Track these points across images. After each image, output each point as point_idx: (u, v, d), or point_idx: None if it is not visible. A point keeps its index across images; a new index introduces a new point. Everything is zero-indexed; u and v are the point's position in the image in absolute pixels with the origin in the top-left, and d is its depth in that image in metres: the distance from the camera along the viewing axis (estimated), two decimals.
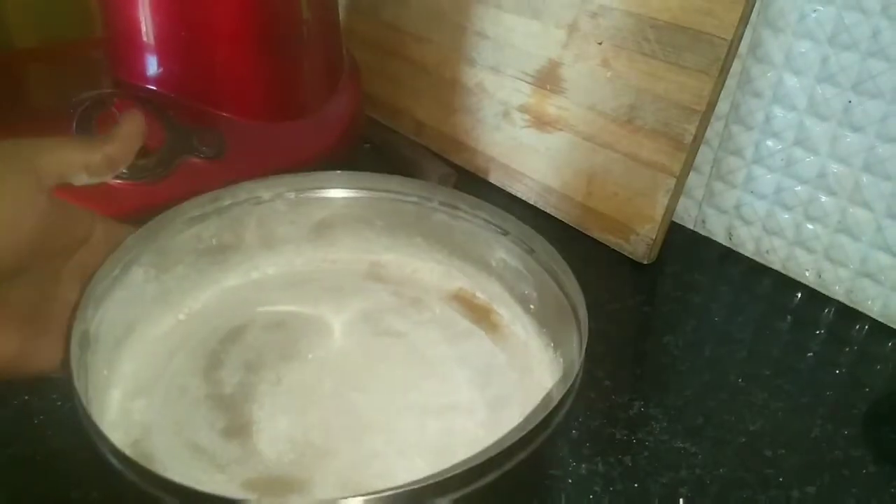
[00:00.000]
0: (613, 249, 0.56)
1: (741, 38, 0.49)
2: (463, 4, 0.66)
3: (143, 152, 0.51)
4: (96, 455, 0.27)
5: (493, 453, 0.26)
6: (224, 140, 0.56)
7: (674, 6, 0.51)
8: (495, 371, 0.39)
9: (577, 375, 0.30)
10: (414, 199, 0.43)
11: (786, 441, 0.40)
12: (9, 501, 0.37)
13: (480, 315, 0.42)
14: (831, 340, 0.48)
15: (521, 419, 0.35)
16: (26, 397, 0.41)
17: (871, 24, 0.45)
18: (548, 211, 0.61)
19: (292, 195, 0.43)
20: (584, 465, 0.38)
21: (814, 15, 0.48)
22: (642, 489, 0.37)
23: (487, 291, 0.43)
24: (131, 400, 0.36)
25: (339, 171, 0.44)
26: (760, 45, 0.51)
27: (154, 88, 0.55)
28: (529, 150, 0.62)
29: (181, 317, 0.41)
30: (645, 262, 0.54)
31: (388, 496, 0.25)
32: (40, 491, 0.37)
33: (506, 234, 0.40)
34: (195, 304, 0.42)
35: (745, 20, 0.48)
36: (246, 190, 0.42)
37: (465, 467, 0.26)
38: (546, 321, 0.39)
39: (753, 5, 0.48)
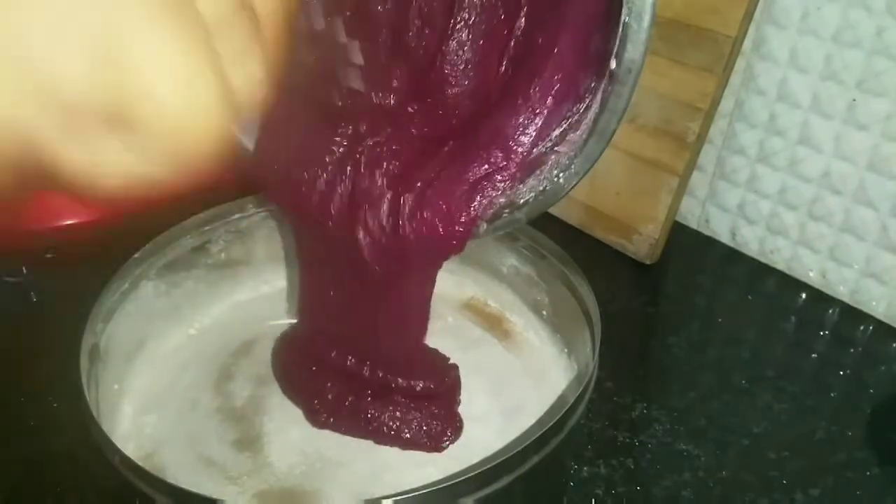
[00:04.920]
0: (616, 249, 0.56)
1: (745, 35, 0.48)
2: None
3: None
4: (93, 457, 0.27)
5: (507, 455, 0.26)
6: None
7: (677, 3, 0.50)
8: (509, 378, 0.38)
9: (591, 377, 0.30)
10: None
11: (790, 443, 0.40)
12: (6, 501, 0.37)
13: (493, 323, 0.42)
14: (836, 341, 0.48)
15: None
16: (23, 399, 0.41)
17: (875, 22, 0.45)
18: (549, 210, 0.60)
19: None
20: (585, 468, 0.38)
21: (818, 12, 0.47)
22: (644, 492, 0.37)
23: (499, 299, 0.43)
24: (143, 414, 0.36)
25: None
26: (764, 43, 0.50)
27: None
28: None
29: (192, 331, 0.41)
30: (648, 263, 0.54)
31: (400, 500, 0.25)
32: (37, 491, 0.37)
33: (516, 240, 0.40)
34: (205, 318, 0.42)
35: (748, 17, 0.48)
36: (254, 203, 0.42)
37: (480, 469, 0.26)
38: (559, 327, 0.39)
39: (757, 2, 0.47)
